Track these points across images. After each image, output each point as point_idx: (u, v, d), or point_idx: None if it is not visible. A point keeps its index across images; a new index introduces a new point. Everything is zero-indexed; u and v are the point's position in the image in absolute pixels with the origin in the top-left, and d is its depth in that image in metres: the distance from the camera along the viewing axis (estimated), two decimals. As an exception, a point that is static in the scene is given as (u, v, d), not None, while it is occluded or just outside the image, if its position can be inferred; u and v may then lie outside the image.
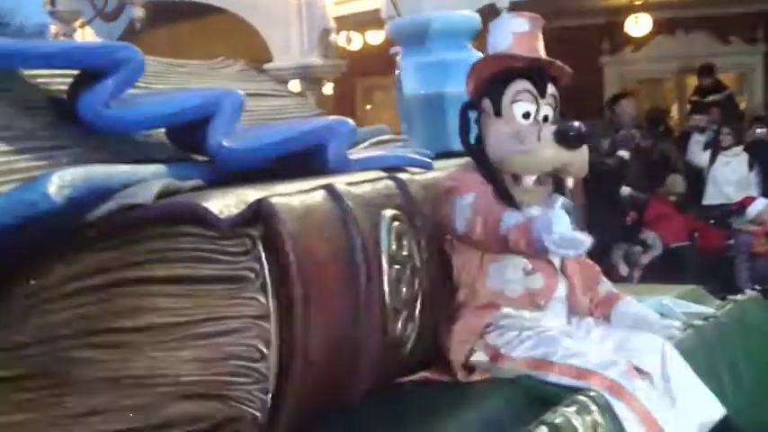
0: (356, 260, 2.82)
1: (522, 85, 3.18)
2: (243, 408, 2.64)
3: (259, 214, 2.59)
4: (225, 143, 3.13)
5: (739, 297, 4.23)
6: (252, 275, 2.62)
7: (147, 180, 2.78)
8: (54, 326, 2.70)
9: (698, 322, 3.81)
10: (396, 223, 3.05)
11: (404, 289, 3.05)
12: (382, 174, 3.24)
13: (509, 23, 3.27)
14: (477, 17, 4.52)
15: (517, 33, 3.22)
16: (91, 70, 3.03)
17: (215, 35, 15.16)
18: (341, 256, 2.77)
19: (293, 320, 2.61)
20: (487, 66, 3.24)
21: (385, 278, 2.96)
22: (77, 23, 19.53)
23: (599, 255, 8.62)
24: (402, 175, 3.29)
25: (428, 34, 4.31)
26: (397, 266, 3.02)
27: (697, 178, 11.40)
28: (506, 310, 3.21)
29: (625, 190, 10.23)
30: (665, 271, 9.80)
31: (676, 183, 10.96)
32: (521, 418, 2.87)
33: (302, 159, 3.29)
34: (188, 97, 3.19)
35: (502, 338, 3.18)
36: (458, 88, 3.88)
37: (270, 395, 2.64)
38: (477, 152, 3.24)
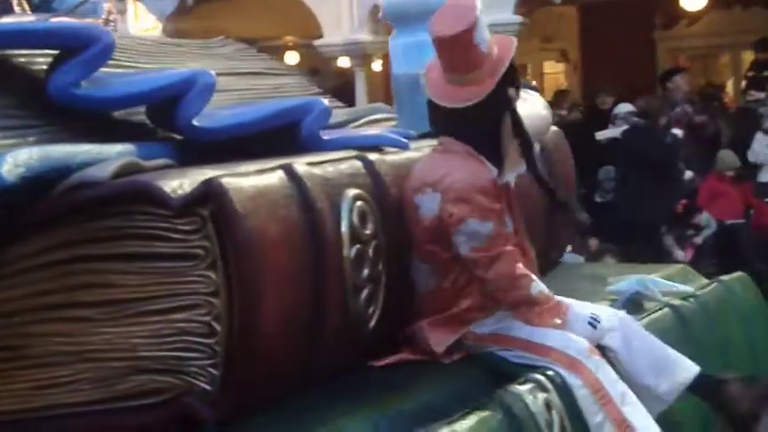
0: (312, 239, 2.87)
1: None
2: (194, 382, 2.71)
3: (209, 193, 2.65)
4: (195, 122, 3.19)
5: (724, 277, 4.22)
6: (203, 253, 2.68)
7: (109, 159, 2.85)
8: (13, 301, 2.78)
9: (676, 301, 3.82)
10: (358, 203, 3.09)
11: (366, 267, 3.09)
12: (350, 154, 3.28)
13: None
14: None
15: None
16: (61, 50, 3.10)
17: (265, 11, 15.25)
18: (295, 235, 2.82)
19: (243, 297, 2.67)
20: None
21: (345, 256, 3.00)
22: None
23: (647, 237, 8.59)
24: (372, 156, 3.32)
25: (419, 14, 4.32)
26: (358, 245, 3.06)
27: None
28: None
29: (688, 174, 10.03)
30: (718, 250, 9.66)
31: (727, 158, 10.76)
32: (477, 397, 2.91)
33: (278, 137, 3.34)
34: (159, 78, 3.26)
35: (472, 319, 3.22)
36: None
37: (220, 370, 2.69)
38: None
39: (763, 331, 4.18)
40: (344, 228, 3.02)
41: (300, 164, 2.97)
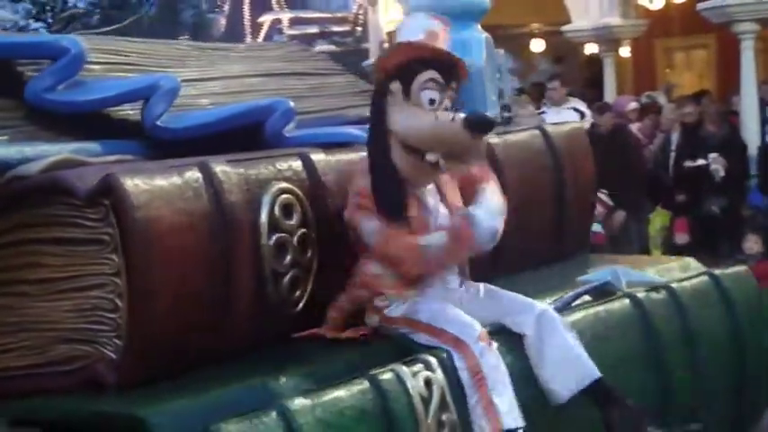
0: (221, 228, 3.22)
1: (431, 74, 3.45)
2: (104, 351, 3.13)
3: (108, 187, 3.06)
4: (158, 123, 3.61)
5: (717, 271, 4.26)
6: (107, 238, 3.10)
7: (49, 156, 3.30)
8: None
9: (640, 293, 3.94)
10: (283, 196, 3.42)
11: (288, 255, 3.41)
12: (291, 152, 3.61)
13: (422, 21, 3.56)
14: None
15: (428, 31, 3.50)
16: (38, 59, 3.60)
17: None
18: (199, 224, 3.18)
19: (137, 278, 3.07)
20: (403, 52, 3.51)
21: (263, 244, 3.33)
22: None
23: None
24: (315, 155, 3.64)
25: (443, 14, 4.59)
26: (279, 234, 3.38)
27: None
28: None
29: None
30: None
31: None
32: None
33: (249, 135, 3.74)
34: (125, 83, 3.70)
35: (386, 302, 3.49)
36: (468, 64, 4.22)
37: (124, 341, 3.10)
38: (381, 132, 3.50)
39: (754, 326, 4.20)
40: (264, 218, 3.35)
41: (220, 161, 3.32)
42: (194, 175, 3.24)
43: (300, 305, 3.50)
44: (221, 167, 3.31)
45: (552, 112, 9.47)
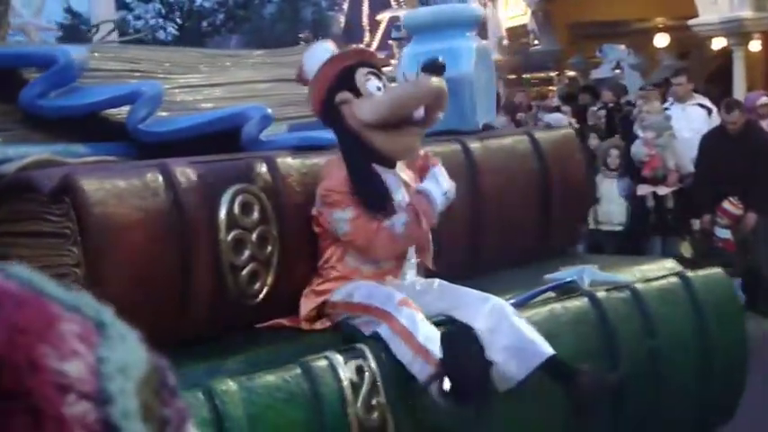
0: (177, 224, 3.52)
1: (365, 69, 3.75)
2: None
3: (67, 185, 3.38)
4: (140, 126, 3.94)
5: (691, 273, 4.39)
6: (69, 232, 3.42)
7: (28, 157, 3.65)
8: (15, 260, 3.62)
9: (600, 292, 4.11)
10: (241, 195, 3.70)
11: (247, 250, 3.70)
12: (257, 155, 3.89)
13: (322, 50, 3.85)
14: (479, 8, 5.02)
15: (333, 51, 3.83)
16: (32, 68, 3.95)
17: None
18: (154, 221, 3.48)
19: (93, 268, 3.39)
20: (329, 71, 3.80)
21: (221, 239, 3.63)
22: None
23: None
24: (279, 157, 3.91)
25: (435, 24, 4.83)
26: (237, 231, 3.67)
27: None
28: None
29: None
30: None
31: None
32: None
33: (231, 138, 4.05)
34: (111, 90, 4.02)
35: (327, 286, 3.78)
36: (456, 73, 4.48)
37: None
38: (347, 148, 3.80)
39: (723, 328, 4.32)
40: (222, 216, 3.64)
41: (181, 163, 3.63)
42: (154, 175, 3.54)
43: (260, 297, 3.77)
44: (181, 168, 3.60)
45: (677, 109, 9.29)
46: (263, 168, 3.84)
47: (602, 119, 10.87)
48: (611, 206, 8.65)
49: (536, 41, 19.94)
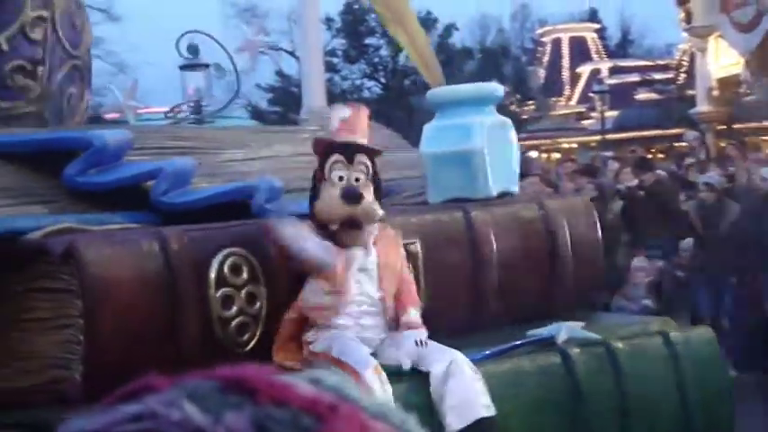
0: (167, 283, 4.13)
1: (336, 157, 4.27)
2: (73, 373, 4.11)
3: (70, 250, 4.05)
4: (162, 198, 4.59)
5: (675, 333, 4.67)
6: (75, 288, 4.08)
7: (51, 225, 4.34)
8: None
9: (573, 348, 4.47)
10: (231, 258, 4.28)
11: (234, 305, 4.27)
12: (250, 222, 4.46)
13: (339, 111, 4.37)
14: (500, 87, 5.46)
15: (341, 119, 4.32)
16: (70, 152, 4.67)
17: None
18: (147, 280, 4.10)
19: (91, 320, 4.03)
20: (317, 146, 4.36)
21: (211, 296, 4.22)
22: (711, 36, 20.54)
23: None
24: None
25: (456, 101, 5.32)
26: (225, 288, 4.25)
27: None
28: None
29: None
30: None
31: None
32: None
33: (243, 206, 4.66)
34: (138, 167, 4.68)
35: (313, 336, 4.28)
36: (469, 146, 4.98)
37: (85, 368, 4.07)
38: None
39: (705, 388, 4.57)
40: (212, 275, 4.24)
41: (175, 230, 4.24)
42: (149, 240, 4.17)
43: (249, 346, 4.33)
44: (174, 234, 4.22)
45: None
46: (254, 234, 4.40)
47: None
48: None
49: (749, 91, 19.67)
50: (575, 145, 35.79)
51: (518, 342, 4.53)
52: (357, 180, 4.26)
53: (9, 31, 4.86)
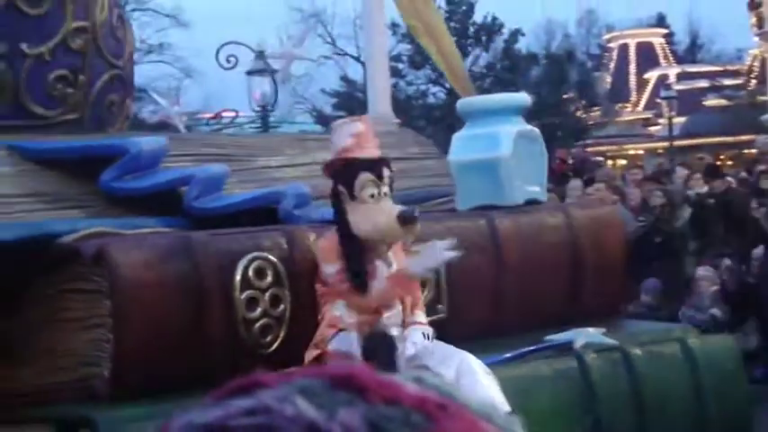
0: (193, 285, 4.31)
1: (366, 176, 4.36)
2: (103, 370, 4.30)
3: (101, 252, 4.24)
4: (193, 203, 4.77)
5: (694, 338, 4.75)
6: (105, 290, 4.27)
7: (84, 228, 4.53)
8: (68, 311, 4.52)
9: (591, 354, 4.58)
10: (256, 262, 4.45)
11: (259, 307, 4.43)
12: (276, 227, 4.62)
13: (348, 127, 4.48)
14: (527, 97, 5.57)
15: (354, 134, 4.42)
16: (107, 158, 4.86)
17: None
18: (174, 282, 4.28)
19: (120, 320, 4.22)
20: (338, 163, 4.45)
21: (236, 298, 4.38)
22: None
23: None
24: (299, 230, 4.63)
25: (484, 111, 5.44)
26: (250, 291, 4.42)
27: None
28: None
29: None
30: None
31: None
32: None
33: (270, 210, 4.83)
34: (171, 173, 4.87)
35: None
36: (495, 154, 5.10)
37: (113, 365, 4.26)
38: (340, 226, 4.46)
39: (722, 394, 4.65)
40: (237, 278, 4.40)
41: (201, 234, 4.41)
42: (176, 244, 4.34)
43: (273, 347, 4.49)
44: (201, 239, 4.39)
45: None
46: (280, 239, 4.56)
47: None
48: None
49: None
50: (641, 151, 35.64)
51: (535, 347, 4.63)
52: (385, 194, 4.37)
53: (52, 42, 5.06)
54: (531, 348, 4.63)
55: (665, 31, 42.07)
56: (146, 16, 31.44)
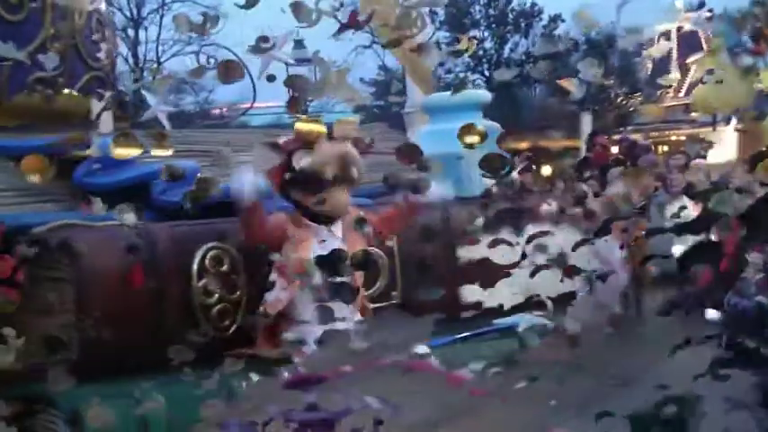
0: (151, 272, 4.62)
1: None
2: (71, 354, 4.63)
3: (65, 243, 4.56)
4: (161, 197, 5.09)
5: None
6: (71, 277, 4.60)
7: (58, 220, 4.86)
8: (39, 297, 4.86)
9: (530, 334, 4.82)
10: (213, 251, 4.75)
11: (216, 293, 4.74)
12: (232, 220, 4.92)
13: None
14: (486, 94, 5.83)
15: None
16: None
17: None
18: (134, 270, 4.59)
19: (83, 304, 4.55)
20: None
21: (193, 285, 4.69)
22: None
23: None
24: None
25: (447, 107, 5.70)
26: (206, 278, 4.72)
27: None
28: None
29: None
30: None
31: None
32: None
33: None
34: (138, 169, 5.18)
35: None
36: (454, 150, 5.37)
37: (79, 347, 4.59)
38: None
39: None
40: (195, 266, 4.71)
41: (161, 226, 4.72)
42: (135, 234, 4.66)
43: (230, 331, 4.79)
44: (160, 230, 4.70)
45: None
46: (236, 230, 4.86)
47: None
48: None
49: None
50: (683, 137, 35.49)
51: (481, 329, 4.89)
52: None
53: (31, 46, 5.39)
54: (478, 331, 4.88)
55: (709, 14, 41.79)
56: (185, 7, 31.84)
